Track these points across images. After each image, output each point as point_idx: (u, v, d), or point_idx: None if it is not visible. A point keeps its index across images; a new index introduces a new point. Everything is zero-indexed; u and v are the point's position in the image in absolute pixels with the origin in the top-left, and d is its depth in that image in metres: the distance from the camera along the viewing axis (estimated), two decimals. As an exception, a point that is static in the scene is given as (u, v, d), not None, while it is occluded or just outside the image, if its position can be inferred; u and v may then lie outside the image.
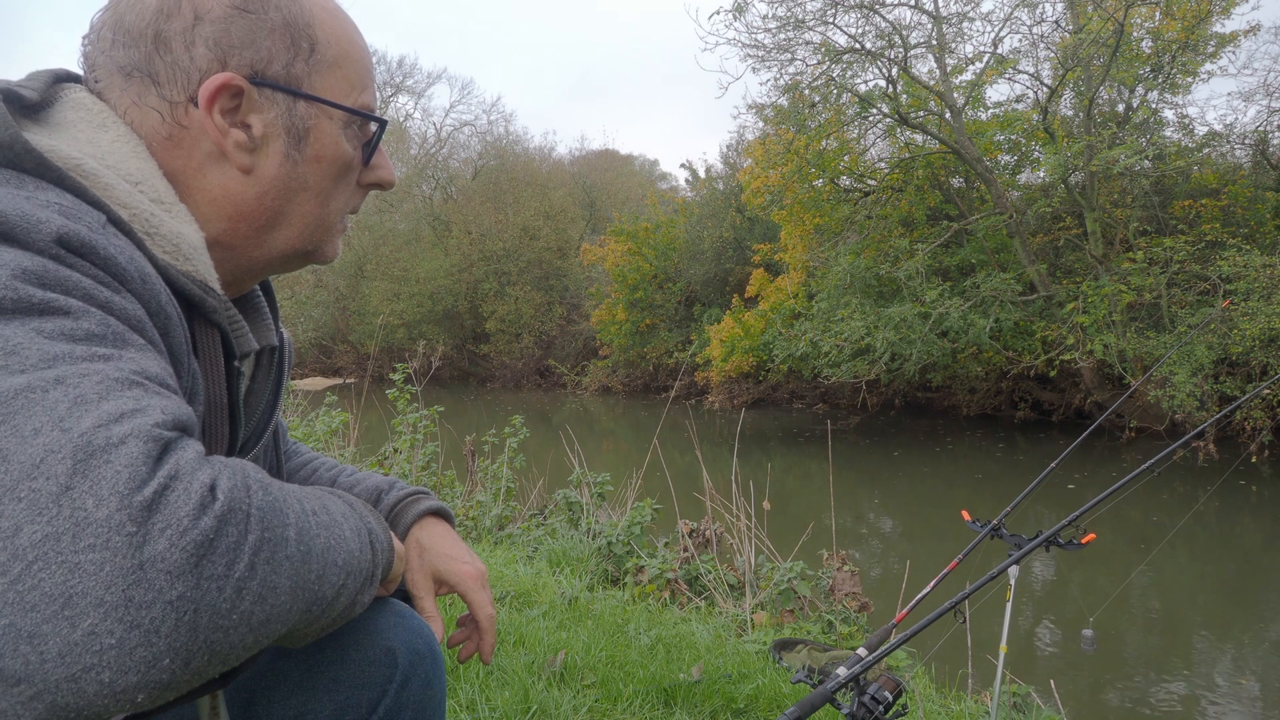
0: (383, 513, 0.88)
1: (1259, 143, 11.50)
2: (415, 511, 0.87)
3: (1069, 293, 10.96)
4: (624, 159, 32.50)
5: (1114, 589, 5.01)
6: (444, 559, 0.84)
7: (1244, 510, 7.39)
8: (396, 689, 0.71)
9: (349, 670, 0.70)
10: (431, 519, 0.88)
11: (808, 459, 10.69)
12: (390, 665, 0.71)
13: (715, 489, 4.01)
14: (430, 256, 23.63)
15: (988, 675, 2.85)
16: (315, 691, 0.69)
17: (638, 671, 2.13)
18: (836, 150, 12.98)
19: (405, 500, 0.89)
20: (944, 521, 6.89)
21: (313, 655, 0.70)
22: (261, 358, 0.76)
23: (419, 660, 0.73)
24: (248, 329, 0.67)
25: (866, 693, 1.33)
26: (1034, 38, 12.07)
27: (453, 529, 0.90)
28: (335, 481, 0.94)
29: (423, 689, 0.73)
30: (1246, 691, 3.82)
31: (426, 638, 0.75)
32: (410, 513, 0.87)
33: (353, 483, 0.93)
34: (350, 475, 0.96)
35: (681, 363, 17.08)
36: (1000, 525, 2.00)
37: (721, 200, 19.09)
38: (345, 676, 0.70)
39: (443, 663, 0.77)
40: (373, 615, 0.73)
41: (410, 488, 0.92)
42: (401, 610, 0.76)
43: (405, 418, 5.37)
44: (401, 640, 0.72)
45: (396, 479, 0.96)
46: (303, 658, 0.70)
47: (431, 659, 0.75)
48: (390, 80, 31.98)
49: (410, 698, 0.72)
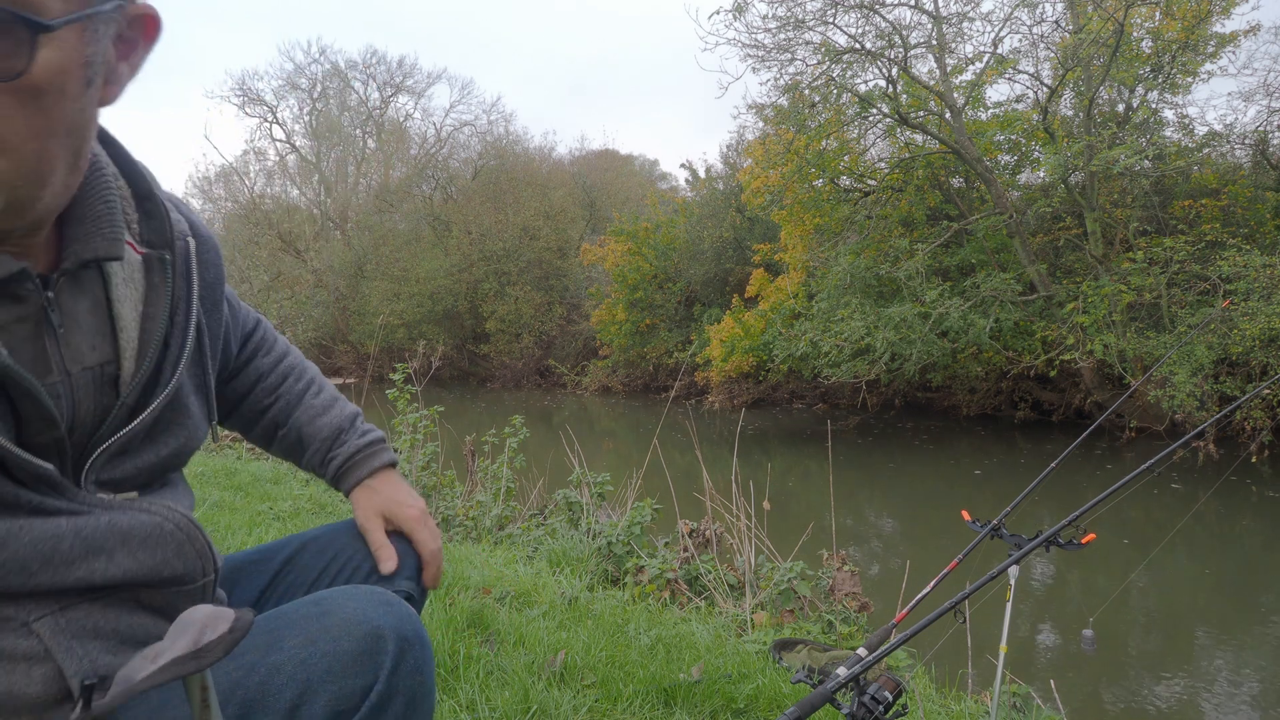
0: (341, 459, 1.01)
1: (1259, 143, 11.50)
2: (371, 467, 1.01)
3: (1069, 293, 10.96)
4: (624, 159, 32.50)
5: (1114, 589, 5.01)
6: (390, 502, 0.98)
7: (1244, 510, 7.39)
8: (388, 674, 0.70)
9: (341, 661, 0.69)
10: (382, 471, 1.02)
11: (808, 459, 10.69)
12: (380, 652, 0.71)
13: (715, 489, 4.01)
14: (430, 256, 23.62)
15: (988, 675, 2.85)
16: (311, 684, 0.69)
17: (638, 671, 2.13)
18: (836, 150, 12.99)
19: (363, 453, 1.02)
20: (944, 521, 6.90)
21: (305, 648, 0.70)
22: (86, 279, 0.68)
23: (408, 646, 0.73)
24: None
25: (866, 693, 1.33)
26: (1034, 38, 12.08)
27: (398, 474, 1.05)
28: (291, 416, 1.03)
29: (413, 674, 0.73)
30: (1246, 691, 3.82)
31: (414, 624, 0.75)
32: (366, 467, 1.01)
33: (312, 417, 1.03)
34: (310, 406, 1.04)
35: (681, 363, 17.09)
36: (1000, 525, 2.00)
37: (721, 200, 19.09)
38: (338, 667, 0.69)
39: (431, 649, 0.77)
40: (362, 604, 0.73)
41: (367, 436, 1.04)
42: (389, 599, 0.76)
43: (405, 418, 5.37)
44: (390, 625, 0.72)
45: (356, 415, 1.07)
46: (294, 650, 0.70)
47: (420, 645, 0.74)
48: (390, 80, 32.05)
49: (401, 684, 0.71)
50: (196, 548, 0.72)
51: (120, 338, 0.70)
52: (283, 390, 1.04)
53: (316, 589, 0.93)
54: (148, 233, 0.73)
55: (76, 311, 0.67)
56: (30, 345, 0.64)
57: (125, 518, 0.66)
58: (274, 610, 0.77)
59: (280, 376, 1.05)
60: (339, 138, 32.10)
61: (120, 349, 0.70)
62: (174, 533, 0.70)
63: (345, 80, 31.84)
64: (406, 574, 0.98)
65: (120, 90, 0.64)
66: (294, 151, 32.18)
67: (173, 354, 0.73)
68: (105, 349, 0.69)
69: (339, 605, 0.74)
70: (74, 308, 0.67)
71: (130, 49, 0.64)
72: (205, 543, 0.73)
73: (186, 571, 0.71)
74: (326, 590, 0.79)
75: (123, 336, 0.70)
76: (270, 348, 1.06)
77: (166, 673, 0.55)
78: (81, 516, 0.64)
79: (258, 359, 1.04)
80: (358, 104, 32.34)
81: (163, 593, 0.70)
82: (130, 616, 0.67)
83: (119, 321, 0.70)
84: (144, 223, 0.73)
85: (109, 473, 0.70)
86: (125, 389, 0.70)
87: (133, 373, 0.70)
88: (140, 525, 0.67)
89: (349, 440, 1.03)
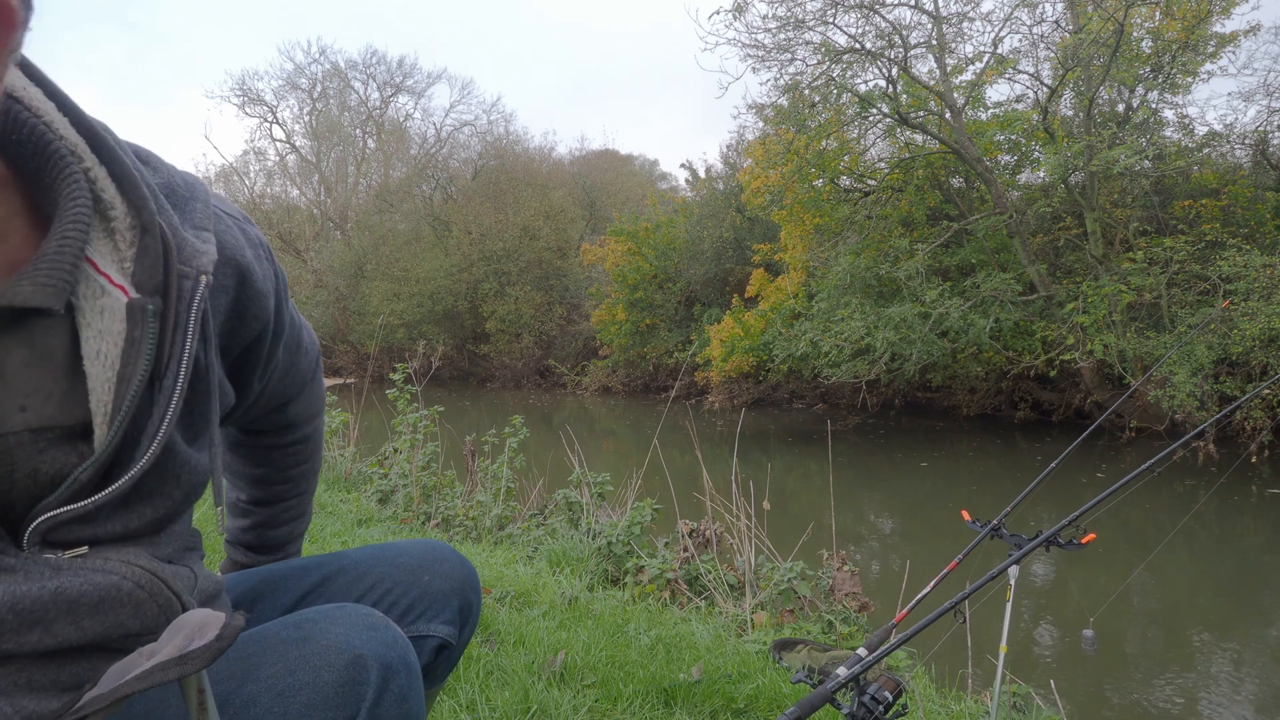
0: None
1: (1259, 143, 11.50)
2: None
3: (1069, 293, 10.96)
4: (624, 159, 32.50)
5: (1114, 589, 5.01)
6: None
7: (1244, 510, 7.39)
8: (370, 707, 0.67)
9: (321, 693, 0.66)
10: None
11: (808, 459, 10.69)
12: (362, 682, 0.67)
13: (715, 489, 4.01)
14: (430, 256, 23.62)
15: (988, 675, 2.85)
16: (288, 718, 0.65)
17: (638, 671, 2.13)
18: (836, 150, 12.98)
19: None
20: (944, 521, 6.90)
21: (283, 678, 0.66)
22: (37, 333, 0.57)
23: (392, 674, 0.69)
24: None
25: (866, 693, 1.33)
26: (1034, 38, 12.08)
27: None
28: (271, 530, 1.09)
29: (397, 704, 0.69)
30: (1247, 691, 3.82)
31: (401, 649, 0.71)
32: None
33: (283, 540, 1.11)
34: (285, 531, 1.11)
35: (681, 363, 17.08)
36: (1000, 525, 2.00)
37: (721, 200, 19.09)
38: (318, 700, 0.66)
39: (419, 675, 0.73)
40: (345, 629, 0.70)
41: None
42: (375, 621, 0.72)
43: (405, 418, 5.37)
44: (374, 652, 0.68)
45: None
46: (271, 681, 0.67)
47: (406, 672, 0.70)
48: (390, 80, 32.06)
49: (384, 714, 0.68)
50: (160, 602, 0.63)
51: (91, 400, 0.58)
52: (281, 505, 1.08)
53: None
54: (140, 273, 0.61)
55: (5, 365, 0.56)
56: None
57: (75, 582, 0.57)
58: (252, 631, 0.72)
59: (287, 491, 1.09)
60: (339, 138, 32.10)
61: (92, 412, 0.59)
62: (133, 592, 0.61)
63: (345, 80, 31.87)
64: (445, 617, 0.91)
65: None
66: (294, 151, 32.21)
67: (154, 422, 0.61)
68: (59, 408, 0.58)
69: (321, 630, 0.70)
70: (2, 359, 0.56)
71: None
72: (171, 594, 0.64)
73: (145, 628, 0.63)
74: (310, 610, 0.74)
75: (93, 399, 0.58)
76: (308, 458, 1.09)
77: (148, 679, 0.52)
78: (19, 581, 0.55)
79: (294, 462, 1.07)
80: (358, 104, 32.36)
81: (117, 644, 0.62)
82: (76, 664, 0.60)
83: (89, 381, 0.58)
84: (138, 260, 0.61)
85: (63, 535, 0.60)
86: (95, 457, 0.59)
87: (104, 439, 0.59)
88: (91, 589, 0.58)
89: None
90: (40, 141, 0.58)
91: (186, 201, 0.67)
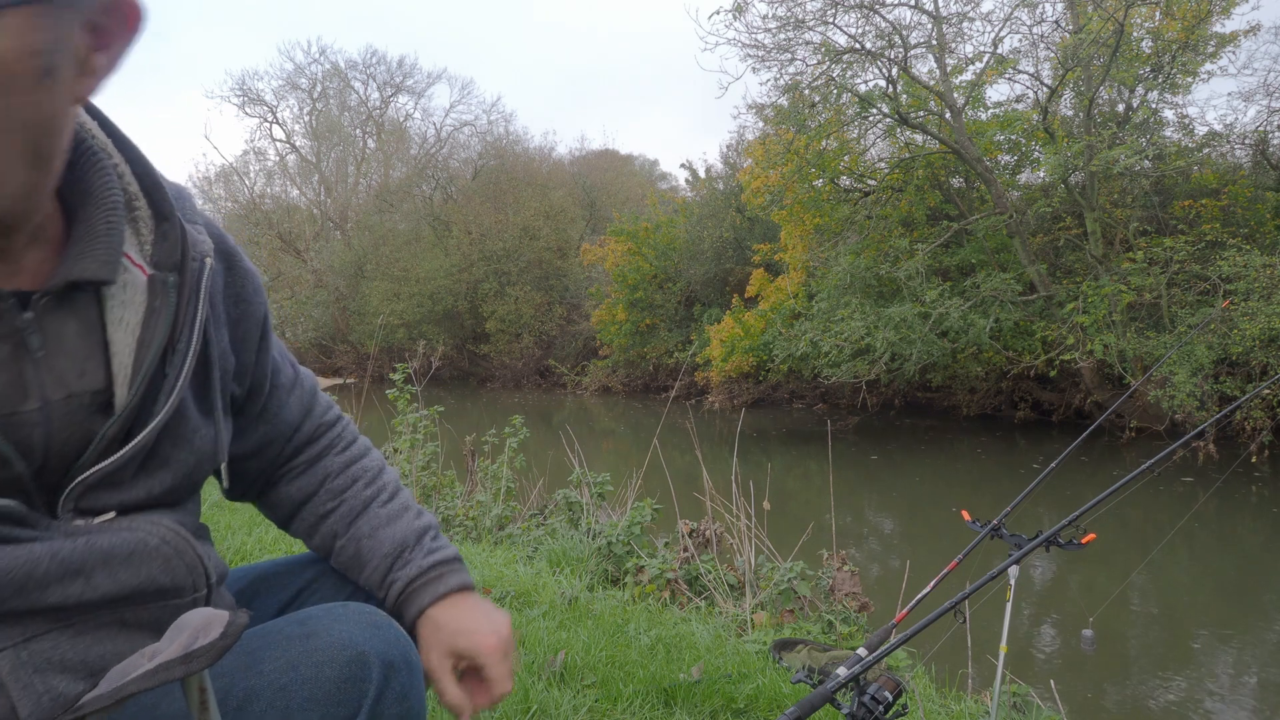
0: (400, 585, 0.85)
1: (1259, 143, 11.51)
2: (434, 594, 0.85)
3: (1069, 293, 10.96)
4: (624, 159, 32.50)
5: (1114, 589, 5.01)
6: (461, 635, 0.82)
7: (1244, 510, 7.39)
8: (371, 704, 0.67)
9: (323, 689, 0.67)
10: (452, 596, 0.86)
11: (808, 459, 10.69)
12: (364, 679, 0.67)
13: (715, 489, 4.01)
14: (430, 256, 23.62)
15: (988, 675, 2.85)
16: (290, 713, 0.66)
17: (638, 671, 2.13)
18: (836, 150, 12.99)
19: (425, 578, 0.86)
20: (944, 521, 6.90)
21: (285, 674, 0.67)
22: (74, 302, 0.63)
23: (394, 672, 0.69)
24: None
25: (866, 693, 1.33)
26: (1034, 38, 12.09)
27: (474, 597, 0.88)
28: (352, 525, 0.89)
29: (398, 702, 0.69)
30: (1247, 692, 3.82)
31: (403, 647, 0.72)
32: (427, 594, 0.85)
33: (374, 528, 0.88)
34: (374, 516, 0.89)
35: (681, 363, 17.08)
36: (1000, 525, 2.00)
37: (721, 200, 19.09)
38: (320, 695, 0.66)
39: (420, 673, 0.74)
40: (348, 626, 0.70)
41: (435, 555, 0.88)
42: (378, 620, 0.72)
43: (405, 418, 5.37)
44: (376, 650, 0.69)
45: (428, 529, 0.90)
46: (273, 676, 0.67)
47: (407, 670, 0.71)
48: (390, 80, 32.07)
49: (385, 712, 0.68)
50: (186, 561, 0.67)
51: (114, 364, 0.65)
52: (348, 495, 0.91)
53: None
54: (159, 254, 0.69)
55: (63, 334, 0.62)
56: (4, 371, 0.59)
57: (104, 538, 0.62)
58: (256, 628, 0.73)
59: (350, 479, 0.92)
60: (339, 138, 32.12)
61: (114, 375, 0.65)
62: (159, 547, 0.65)
63: (345, 80, 31.88)
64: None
65: (97, 83, 0.59)
66: (294, 151, 32.22)
67: (169, 382, 0.67)
68: (97, 375, 0.64)
69: (324, 627, 0.70)
70: (60, 330, 0.62)
71: (107, 39, 0.58)
72: (197, 555, 0.68)
73: (175, 585, 0.66)
74: (313, 608, 0.75)
75: (115, 362, 0.65)
76: (346, 445, 0.95)
77: (152, 678, 0.53)
78: (57, 540, 0.60)
79: (328, 457, 0.93)
80: (358, 104, 32.37)
81: (149, 608, 0.66)
82: (106, 643, 0.63)
83: (112, 346, 0.65)
84: (158, 244, 0.69)
85: (92, 502, 0.65)
86: (117, 415, 0.65)
87: (125, 400, 0.65)
88: (121, 543, 0.63)
89: (412, 559, 0.87)
90: (80, 141, 0.67)
91: (181, 199, 0.77)
